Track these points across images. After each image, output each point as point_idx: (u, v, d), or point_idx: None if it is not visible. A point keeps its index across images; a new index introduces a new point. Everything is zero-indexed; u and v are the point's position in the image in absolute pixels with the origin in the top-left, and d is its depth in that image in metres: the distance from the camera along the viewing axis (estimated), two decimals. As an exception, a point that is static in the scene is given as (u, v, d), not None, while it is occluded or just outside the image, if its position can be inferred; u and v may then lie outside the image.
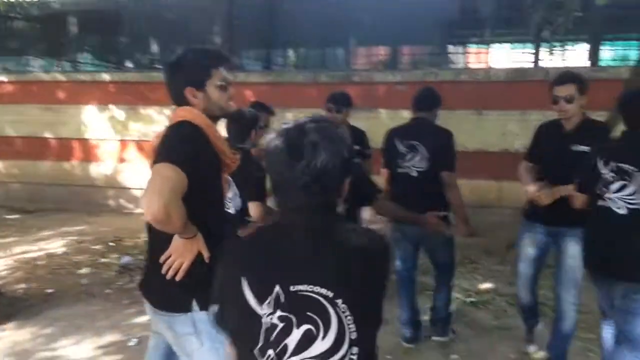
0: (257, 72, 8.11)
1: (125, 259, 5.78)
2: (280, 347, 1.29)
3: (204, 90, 2.11)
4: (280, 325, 1.29)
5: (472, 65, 8.03)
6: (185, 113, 2.09)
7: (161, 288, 2.13)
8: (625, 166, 2.66)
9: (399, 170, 3.75)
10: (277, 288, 1.29)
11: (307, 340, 1.28)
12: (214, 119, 2.17)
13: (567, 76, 3.27)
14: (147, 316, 4.76)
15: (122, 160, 8.24)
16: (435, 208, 3.34)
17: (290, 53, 10.19)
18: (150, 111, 7.96)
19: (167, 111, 7.80)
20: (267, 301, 1.30)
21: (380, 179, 3.78)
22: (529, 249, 3.57)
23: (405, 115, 6.87)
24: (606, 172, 2.74)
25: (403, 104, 6.91)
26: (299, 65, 9.60)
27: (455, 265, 4.02)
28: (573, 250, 3.28)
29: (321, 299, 1.28)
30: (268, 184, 1.45)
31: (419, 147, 3.67)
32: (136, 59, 9.51)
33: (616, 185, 2.69)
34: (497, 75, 6.70)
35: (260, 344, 1.31)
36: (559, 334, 3.49)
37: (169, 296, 2.12)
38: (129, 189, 8.16)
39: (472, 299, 4.77)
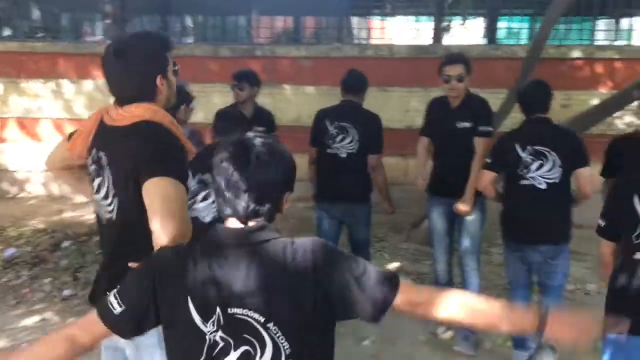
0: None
1: (10, 252, 5.26)
2: None
3: (167, 77, 1.95)
4: (221, 344, 1.37)
5: (374, 40, 7.99)
6: (143, 111, 1.88)
7: None
8: (540, 148, 3.14)
9: (328, 151, 3.84)
10: (218, 310, 1.36)
11: None
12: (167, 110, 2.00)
13: (457, 57, 3.58)
14: (37, 318, 4.55)
15: (1, 140, 7.47)
16: (360, 188, 3.83)
17: (188, 21, 9.65)
18: (33, 85, 7.25)
19: (52, 85, 7.14)
20: (211, 320, 1.37)
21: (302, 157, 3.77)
22: (438, 223, 3.81)
23: (310, 91, 6.84)
24: (525, 156, 3.16)
25: (308, 80, 6.85)
26: (197, 36, 9.11)
27: (370, 243, 4.20)
28: (473, 219, 3.64)
29: (255, 322, 1.36)
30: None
31: (350, 130, 3.78)
32: (15, 27, 8.58)
33: (535, 165, 3.15)
34: (400, 51, 6.71)
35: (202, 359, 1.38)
36: None
37: None
38: (12, 171, 7.43)
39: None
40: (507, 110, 4.91)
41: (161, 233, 1.66)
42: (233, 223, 1.42)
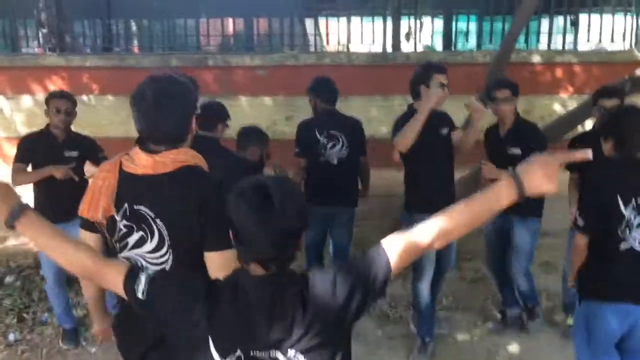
0: (96, 56, 7.09)
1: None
2: None
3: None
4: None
5: (331, 44, 7.70)
6: (186, 157, 1.88)
7: None
8: None
9: (320, 159, 4.08)
10: (239, 352, 1.42)
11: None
12: None
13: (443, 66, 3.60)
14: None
15: None
16: (349, 191, 4.19)
17: (132, 27, 9.11)
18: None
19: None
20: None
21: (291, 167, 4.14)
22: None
23: (267, 102, 6.50)
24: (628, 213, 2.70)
25: (264, 90, 6.52)
26: (143, 42, 8.58)
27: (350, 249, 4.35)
28: None
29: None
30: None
31: (340, 137, 4.05)
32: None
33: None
34: (359, 59, 6.47)
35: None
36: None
37: None
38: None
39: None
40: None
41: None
42: (256, 270, 1.45)
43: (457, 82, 3.97)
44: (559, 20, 6.86)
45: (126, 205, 1.86)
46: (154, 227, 1.86)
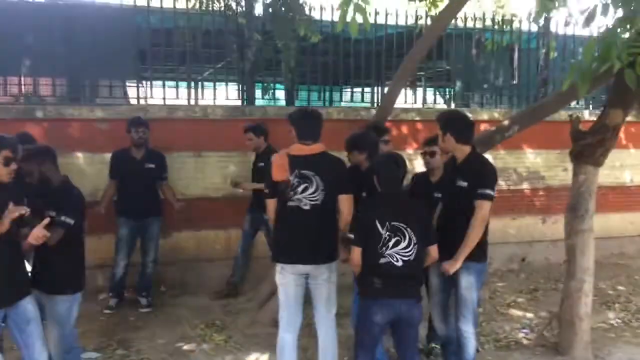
0: None
1: None
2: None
3: None
4: (386, 235, 3.21)
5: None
6: (321, 146, 3.58)
7: None
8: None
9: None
10: (387, 224, 3.21)
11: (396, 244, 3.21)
12: None
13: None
14: None
15: None
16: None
17: None
18: None
19: None
20: (385, 227, 3.20)
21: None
22: None
23: (107, 158, 5.66)
24: None
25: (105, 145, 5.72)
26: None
27: None
28: None
29: (403, 228, 3.22)
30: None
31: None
32: None
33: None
34: (215, 112, 6.02)
35: (380, 245, 3.21)
36: None
37: None
38: None
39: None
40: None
41: (347, 213, 3.47)
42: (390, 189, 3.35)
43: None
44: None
45: (295, 171, 3.42)
46: (314, 180, 3.43)
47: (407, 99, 6.95)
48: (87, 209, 3.66)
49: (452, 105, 7.85)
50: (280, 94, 8.29)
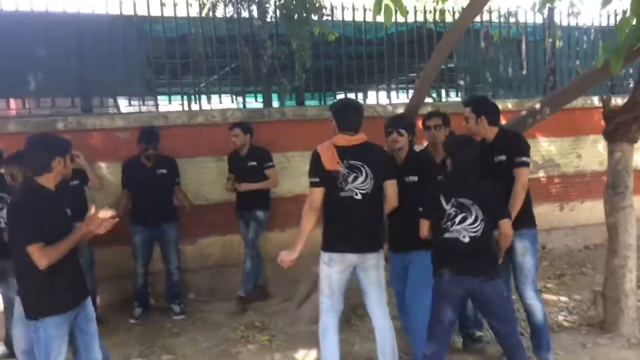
0: None
1: None
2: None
3: None
4: (452, 212, 3.27)
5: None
6: (364, 136, 3.56)
7: None
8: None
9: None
10: (453, 200, 3.28)
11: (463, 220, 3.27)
12: None
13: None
14: None
15: None
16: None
17: None
18: None
19: None
20: (450, 203, 3.28)
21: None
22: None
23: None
24: None
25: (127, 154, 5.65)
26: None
27: None
28: None
29: (469, 204, 3.27)
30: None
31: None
32: None
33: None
34: (234, 115, 5.99)
35: (445, 220, 3.29)
36: None
37: None
38: None
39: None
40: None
41: (393, 198, 3.55)
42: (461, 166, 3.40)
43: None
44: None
45: (345, 161, 3.42)
46: (364, 170, 3.43)
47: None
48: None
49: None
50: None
